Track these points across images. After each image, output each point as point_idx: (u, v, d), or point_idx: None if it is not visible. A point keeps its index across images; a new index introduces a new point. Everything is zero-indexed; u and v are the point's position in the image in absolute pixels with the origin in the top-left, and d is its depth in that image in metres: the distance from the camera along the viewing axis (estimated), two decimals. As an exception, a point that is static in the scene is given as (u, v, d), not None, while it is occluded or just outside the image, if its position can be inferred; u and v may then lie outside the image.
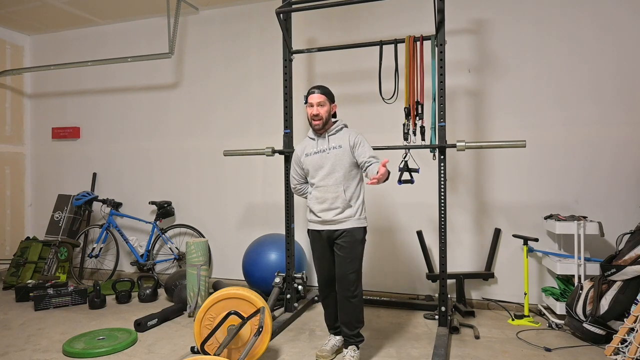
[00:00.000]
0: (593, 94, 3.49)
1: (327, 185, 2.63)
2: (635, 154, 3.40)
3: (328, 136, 2.70)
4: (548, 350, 2.78)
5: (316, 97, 2.66)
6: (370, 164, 2.56)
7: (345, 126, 2.77)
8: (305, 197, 2.88)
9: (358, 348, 2.67)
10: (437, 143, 3.10)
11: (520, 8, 3.64)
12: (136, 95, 4.90)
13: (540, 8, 3.60)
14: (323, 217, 2.64)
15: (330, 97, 2.70)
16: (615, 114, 3.44)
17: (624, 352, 2.60)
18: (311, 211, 2.72)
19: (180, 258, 4.57)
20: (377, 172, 2.35)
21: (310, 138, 2.77)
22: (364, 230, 2.68)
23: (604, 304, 2.85)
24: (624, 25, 3.42)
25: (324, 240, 2.69)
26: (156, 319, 3.32)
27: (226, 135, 4.54)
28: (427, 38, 3.19)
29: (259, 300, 2.58)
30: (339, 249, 2.64)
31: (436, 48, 3.08)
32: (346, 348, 2.67)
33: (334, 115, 2.78)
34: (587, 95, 3.50)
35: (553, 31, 3.57)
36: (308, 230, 2.79)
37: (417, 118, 3.19)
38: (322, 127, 2.69)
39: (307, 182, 2.83)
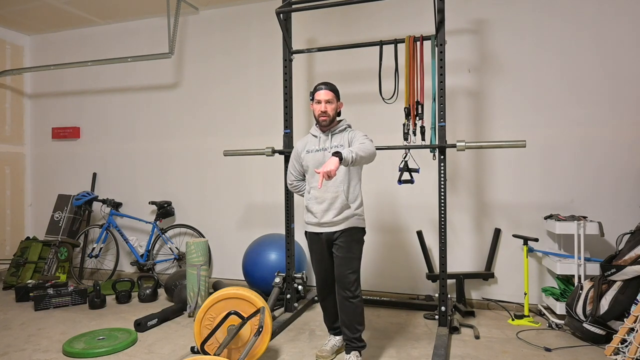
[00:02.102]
0: (593, 94, 3.49)
1: (326, 184, 2.59)
2: (636, 154, 3.40)
3: (331, 134, 2.65)
4: (548, 350, 2.78)
5: (324, 94, 2.60)
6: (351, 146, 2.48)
7: (349, 127, 2.72)
8: (301, 195, 2.85)
9: (360, 354, 2.59)
10: (437, 143, 3.10)
11: (520, 8, 3.64)
12: (136, 95, 4.90)
13: (539, 8, 3.60)
14: (321, 218, 2.60)
15: (337, 94, 2.66)
16: (615, 113, 3.44)
17: (624, 352, 2.60)
18: (309, 211, 2.67)
19: (180, 258, 4.57)
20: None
21: (313, 135, 2.73)
22: (362, 230, 2.65)
23: (604, 304, 2.85)
24: (622, 25, 3.42)
25: (322, 243, 2.65)
26: (156, 319, 3.32)
27: (226, 135, 4.54)
28: (427, 38, 3.19)
29: (259, 300, 2.58)
30: (337, 250, 2.60)
31: (436, 48, 3.08)
32: (348, 354, 2.59)
33: (339, 114, 2.73)
34: (587, 95, 3.50)
35: (553, 31, 3.57)
36: (306, 232, 2.74)
37: (417, 118, 3.19)
38: (328, 124, 2.64)
39: (304, 180, 2.80)
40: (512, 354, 2.75)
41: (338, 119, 2.73)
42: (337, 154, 2.28)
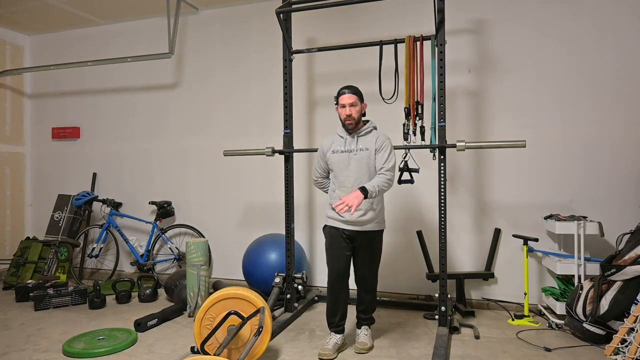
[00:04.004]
0: (593, 94, 3.49)
1: (352, 187, 2.68)
2: (635, 154, 3.40)
3: (358, 137, 2.74)
4: (548, 350, 2.78)
5: (347, 98, 2.68)
6: (377, 175, 2.65)
7: (375, 128, 2.81)
8: (325, 191, 2.96)
9: (370, 327, 2.90)
10: (437, 143, 3.10)
11: (520, 8, 3.64)
12: (136, 95, 4.90)
13: (540, 8, 3.60)
14: (347, 217, 2.69)
15: (360, 96, 2.75)
16: (615, 114, 3.44)
17: (624, 352, 2.60)
18: (333, 209, 2.74)
19: (180, 258, 4.57)
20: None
21: (340, 136, 2.81)
22: (382, 232, 2.84)
23: (604, 304, 2.85)
24: (623, 26, 3.42)
25: (344, 238, 2.75)
26: (156, 319, 3.32)
27: (226, 135, 4.54)
28: (427, 38, 3.19)
29: (259, 300, 2.58)
30: (360, 250, 2.76)
31: (436, 48, 3.08)
32: (359, 328, 2.87)
33: (364, 114, 2.82)
34: (587, 95, 3.50)
35: (553, 31, 3.57)
36: (326, 225, 2.84)
37: (417, 118, 3.19)
38: (354, 126, 2.73)
39: (328, 177, 2.90)
40: (512, 354, 2.75)
41: (364, 119, 2.83)
42: (363, 189, 2.50)
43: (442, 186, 3.05)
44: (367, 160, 2.69)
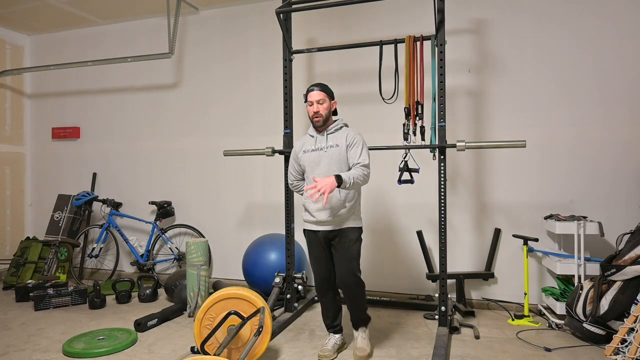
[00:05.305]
0: (593, 94, 3.49)
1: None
2: (636, 154, 3.40)
3: (327, 134, 2.71)
4: (548, 350, 2.78)
5: (315, 95, 2.65)
6: (353, 169, 2.59)
7: (346, 125, 2.77)
8: (302, 194, 2.89)
9: (367, 327, 2.78)
10: (437, 143, 3.10)
11: (520, 8, 3.64)
12: (136, 95, 4.90)
13: (540, 8, 3.60)
14: (318, 216, 2.65)
15: (329, 94, 2.70)
16: (615, 114, 3.44)
17: (624, 352, 2.60)
18: (306, 210, 2.73)
19: (180, 258, 4.57)
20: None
21: (310, 135, 2.79)
22: (359, 230, 2.71)
23: (604, 304, 2.85)
24: (625, 26, 3.41)
25: (320, 241, 2.71)
26: (156, 319, 3.32)
27: (226, 135, 4.54)
28: (427, 38, 3.19)
29: (259, 300, 2.58)
30: (335, 250, 2.68)
31: (436, 48, 3.08)
32: (356, 330, 2.76)
33: (335, 113, 2.78)
34: (588, 95, 3.50)
35: (554, 31, 3.57)
36: (304, 230, 2.80)
37: (417, 118, 3.19)
38: (322, 123, 2.68)
39: (304, 179, 2.85)
40: (512, 354, 2.75)
41: (334, 118, 2.78)
42: (338, 177, 2.42)
43: (442, 186, 3.05)
44: (338, 157, 2.63)
